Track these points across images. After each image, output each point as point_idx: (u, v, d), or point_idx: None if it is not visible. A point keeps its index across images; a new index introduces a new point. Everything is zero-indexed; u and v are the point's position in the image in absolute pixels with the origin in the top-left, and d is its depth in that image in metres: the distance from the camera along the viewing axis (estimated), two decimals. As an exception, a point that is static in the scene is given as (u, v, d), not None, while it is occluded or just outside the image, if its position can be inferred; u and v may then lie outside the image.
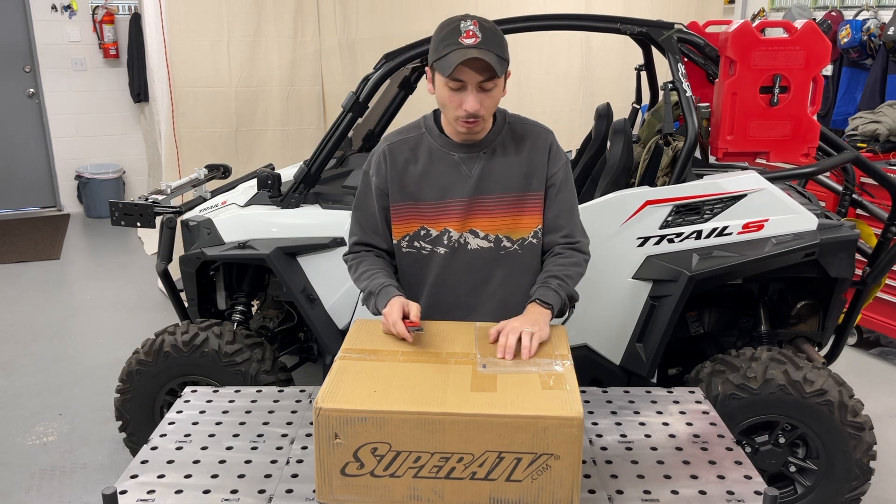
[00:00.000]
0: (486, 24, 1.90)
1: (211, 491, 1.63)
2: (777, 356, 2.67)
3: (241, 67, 4.83)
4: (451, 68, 1.83)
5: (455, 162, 2.02)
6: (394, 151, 2.05)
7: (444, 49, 1.87)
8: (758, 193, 2.73)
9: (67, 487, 3.16)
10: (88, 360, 4.35)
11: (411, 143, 2.05)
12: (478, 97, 1.88)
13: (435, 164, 2.03)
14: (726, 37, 2.76)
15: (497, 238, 2.04)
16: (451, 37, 1.86)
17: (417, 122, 2.10)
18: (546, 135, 2.09)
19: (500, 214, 2.03)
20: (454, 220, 2.03)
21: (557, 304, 1.95)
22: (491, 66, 1.83)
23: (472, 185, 2.01)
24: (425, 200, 2.03)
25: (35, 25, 7.28)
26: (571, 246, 2.08)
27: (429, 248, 2.06)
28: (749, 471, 1.72)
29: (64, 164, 7.63)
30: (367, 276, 2.03)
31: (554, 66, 5.65)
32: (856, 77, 6.06)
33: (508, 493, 1.50)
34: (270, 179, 3.00)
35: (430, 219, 2.04)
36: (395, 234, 2.09)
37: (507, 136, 2.05)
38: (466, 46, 1.84)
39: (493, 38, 1.87)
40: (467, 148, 2.02)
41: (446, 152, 2.03)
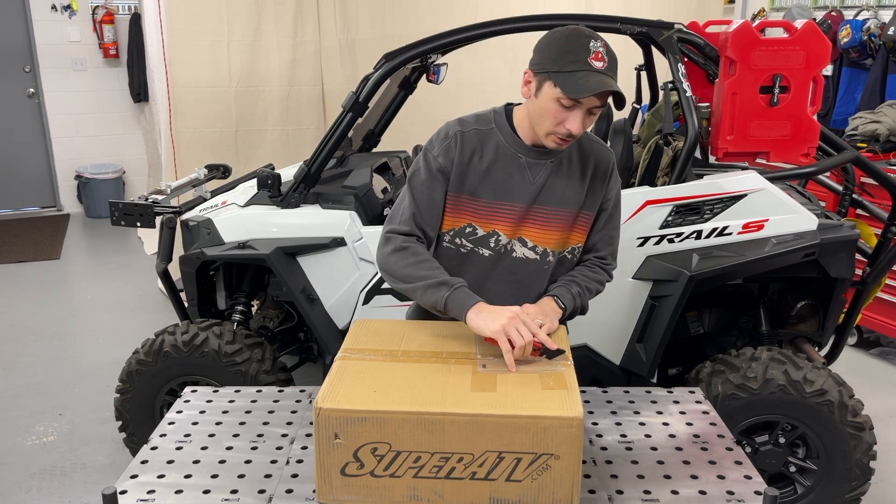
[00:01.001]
0: (608, 48, 1.83)
1: (211, 491, 1.63)
2: (777, 356, 2.67)
3: (241, 67, 4.83)
4: (583, 92, 1.75)
5: (521, 165, 1.94)
6: (465, 138, 1.94)
7: (571, 65, 1.78)
8: (758, 193, 2.73)
9: (67, 487, 3.16)
10: (88, 360, 4.35)
11: (482, 136, 1.95)
12: (587, 120, 1.83)
13: (500, 162, 1.94)
14: (726, 37, 2.76)
15: (544, 251, 1.99)
16: (580, 54, 1.78)
17: (487, 114, 1.99)
18: (609, 157, 2.03)
19: (552, 228, 1.97)
20: (506, 224, 1.96)
21: (570, 309, 1.94)
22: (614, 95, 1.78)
23: (533, 192, 1.94)
24: (482, 198, 1.94)
25: (35, 25, 7.28)
26: (602, 264, 2.07)
27: (470, 247, 1.98)
28: (749, 471, 1.72)
29: (64, 164, 7.63)
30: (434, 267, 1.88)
31: (554, 66, 5.64)
32: (856, 77, 6.06)
33: (508, 493, 1.50)
34: (270, 179, 3.00)
35: (482, 218, 1.96)
36: (444, 225, 1.99)
37: (574, 149, 1.99)
38: (597, 71, 1.77)
39: (614, 62, 1.82)
40: (536, 154, 1.94)
41: (514, 153, 1.94)
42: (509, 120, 1.96)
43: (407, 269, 1.88)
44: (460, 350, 1.76)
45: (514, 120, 1.96)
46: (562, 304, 1.92)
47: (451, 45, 3.02)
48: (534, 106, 1.86)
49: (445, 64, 3.60)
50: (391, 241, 1.93)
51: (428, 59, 3.31)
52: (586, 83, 1.76)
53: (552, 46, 1.82)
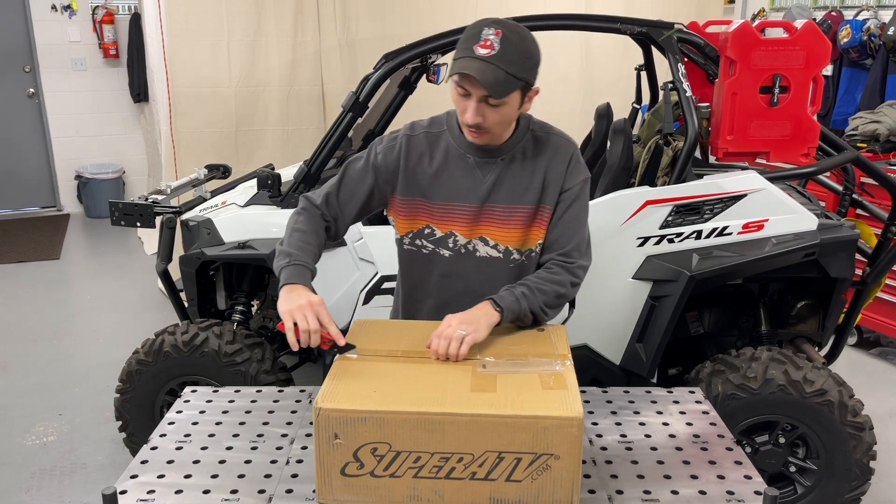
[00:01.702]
0: (510, 37, 1.78)
1: (211, 491, 1.63)
2: (777, 356, 2.67)
3: (241, 67, 4.83)
4: (445, 78, 1.77)
5: (470, 165, 1.95)
6: (411, 143, 1.98)
7: (459, 51, 1.80)
8: (758, 193, 2.73)
9: (67, 487, 3.16)
10: (88, 360, 4.35)
11: (431, 139, 1.99)
12: (480, 109, 1.81)
13: (450, 164, 1.96)
14: (726, 37, 2.76)
15: (507, 249, 1.98)
16: (470, 41, 1.78)
17: (440, 116, 2.02)
18: (568, 147, 2.00)
19: (511, 225, 1.96)
20: (462, 224, 1.97)
21: (512, 312, 1.83)
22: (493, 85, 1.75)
23: (484, 191, 1.95)
24: (434, 199, 1.97)
25: (35, 25, 7.28)
26: (563, 263, 1.96)
27: (430, 247, 2.00)
28: (749, 471, 1.72)
29: (64, 164, 7.63)
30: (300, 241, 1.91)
31: (554, 66, 5.64)
32: (856, 77, 6.06)
33: (508, 493, 1.50)
34: (270, 179, 3.00)
35: (438, 219, 1.98)
36: (399, 229, 2.03)
37: (529, 144, 1.97)
38: (476, 57, 1.75)
39: (510, 54, 1.77)
40: (485, 152, 1.95)
41: (463, 154, 1.96)
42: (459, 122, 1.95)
43: (287, 231, 1.95)
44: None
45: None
46: (498, 306, 1.82)
47: (451, 45, 3.01)
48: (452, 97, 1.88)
49: (445, 64, 3.60)
50: (301, 203, 2.03)
51: (428, 59, 3.30)
52: (457, 65, 1.76)
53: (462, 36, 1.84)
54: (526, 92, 1.86)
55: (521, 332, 1.87)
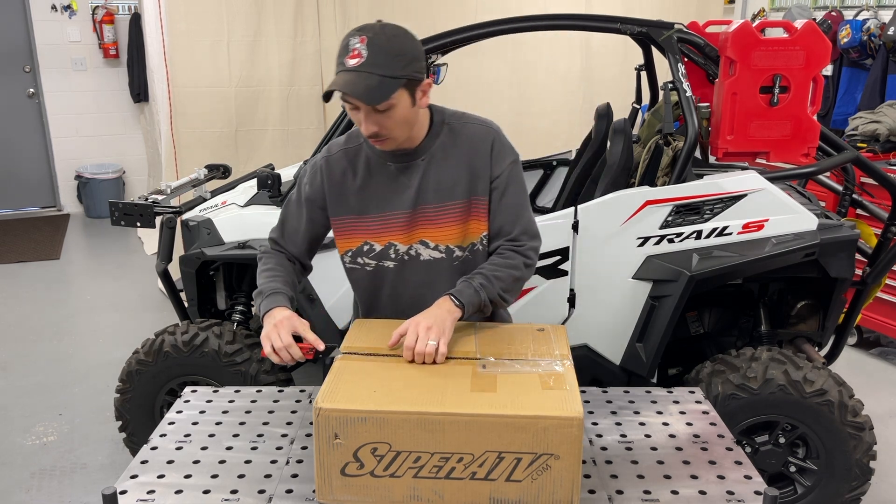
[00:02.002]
0: (377, 39, 1.74)
1: (211, 491, 1.63)
2: (777, 356, 2.67)
3: (241, 67, 4.83)
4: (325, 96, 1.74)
5: (392, 173, 1.92)
6: (331, 164, 1.96)
7: (336, 68, 1.76)
8: (758, 193, 2.73)
9: (67, 487, 3.16)
10: (88, 360, 4.35)
11: (350, 155, 1.96)
12: (371, 119, 1.77)
13: (374, 176, 1.94)
14: (726, 37, 2.76)
15: (448, 248, 1.94)
16: (340, 55, 1.75)
17: (356, 130, 1.96)
18: (487, 133, 1.94)
19: (447, 223, 1.92)
20: (398, 233, 1.94)
21: (473, 304, 1.82)
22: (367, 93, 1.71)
23: (412, 196, 1.91)
24: (367, 214, 1.95)
25: (35, 25, 7.28)
26: (513, 247, 1.94)
27: (374, 263, 1.98)
28: (749, 471, 1.72)
29: (64, 164, 7.64)
30: (268, 276, 1.95)
31: (554, 66, 5.65)
32: (856, 77, 6.06)
33: (508, 493, 1.50)
34: (270, 179, 3.00)
35: (374, 233, 1.96)
36: (339, 249, 2.02)
37: (447, 138, 1.92)
38: (347, 70, 1.72)
39: (378, 57, 1.72)
40: (403, 157, 1.91)
41: (383, 163, 1.93)
42: None
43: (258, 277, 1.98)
44: (460, 350, 1.76)
45: None
46: (458, 301, 1.81)
47: (451, 45, 3.02)
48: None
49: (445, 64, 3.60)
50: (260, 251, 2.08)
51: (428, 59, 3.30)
52: (333, 82, 1.74)
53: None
54: (414, 88, 1.80)
55: (521, 332, 1.87)
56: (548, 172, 4.08)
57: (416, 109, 1.84)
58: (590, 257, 2.79)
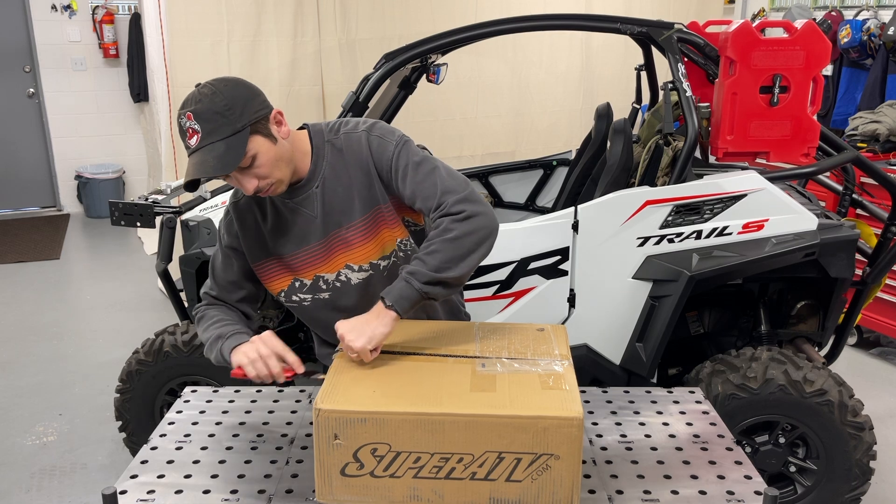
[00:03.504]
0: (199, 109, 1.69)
1: (211, 491, 1.63)
2: (777, 356, 2.67)
3: (241, 67, 4.83)
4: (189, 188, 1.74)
5: (292, 208, 1.90)
6: (240, 210, 1.94)
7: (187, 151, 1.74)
8: (758, 193, 2.73)
9: (67, 487, 3.16)
10: (88, 360, 4.35)
11: (251, 200, 1.93)
12: (247, 177, 1.74)
13: (281, 215, 1.92)
14: (726, 37, 2.76)
15: (372, 264, 1.94)
16: (183, 138, 1.73)
17: None
18: (361, 137, 1.87)
19: (360, 242, 1.91)
20: (321, 264, 1.93)
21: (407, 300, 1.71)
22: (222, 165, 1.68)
23: (319, 226, 1.90)
24: (286, 254, 1.93)
25: (35, 25, 7.28)
26: (440, 214, 1.78)
27: (309, 297, 1.96)
28: (749, 471, 1.72)
29: (64, 164, 7.64)
30: (218, 325, 1.91)
31: (554, 66, 5.65)
32: (856, 77, 6.06)
33: (508, 493, 1.50)
34: (270, 179, 2.99)
35: (299, 270, 1.94)
36: (272, 291, 1.99)
37: (333, 157, 1.88)
38: (193, 151, 1.71)
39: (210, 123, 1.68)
40: (297, 191, 1.88)
41: (281, 201, 1.90)
42: None
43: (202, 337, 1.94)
44: (459, 350, 1.76)
45: None
46: (387, 303, 1.71)
47: (451, 45, 3.02)
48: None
49: (445, 64, 3.60)
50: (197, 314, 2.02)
51: (428, 59, 3.31)
52: (188, 173, 1.72)
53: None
54: (264, 128, 1.75)
55: (520, 332, 1.87)
56: (548, 172, 4.08)
57: (281, 143, 1.79)
58: (590, 257, 2.79)
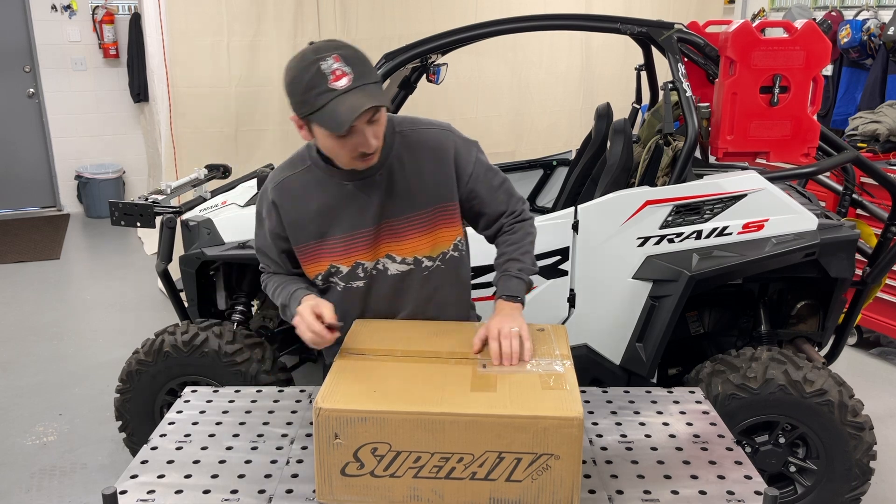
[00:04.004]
0: (346, 52, 1.68)
1: (211, 491, 1.63)
2: (777, 356, 2.67)
3: (241, 67, 4.83)
4: (343, 125, 1.63)
5: (350, 192, 1.86)
6: (283, 191, 1.90)
7: (317, 99, 1.65)
8: (758, 193, 2.73)
9: (67, 487, 3.16)
10: (88, 360, 4.35)
11: (301, 179, 1.89)
12: (371, 132, 1.71)
13: (330, 197, 1.87)
14: (726, 37, 2.76)
15: (416, 259, 1.92)
16: (319, 83, 1.64)
17: (301, 152, 1.92)
18: (443, 136, 1.90)
19: (412, 236, 1.89)
20: (364, 252, 1.90)
21: (522, 290, 1.89)
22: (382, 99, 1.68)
23: (374, 213, 1.87)
24: (330, 237, 1.90)
25: (35, 25, 7.28)
26: (514, 219, 1.97)
27: (342, 284, 1.94)
28: (749, 471, 1.72)
29: (64, 164, 7.64)
30: (280, 290, 1.94)
31: (554, 66, 5.65)
32: (856, 77, 6.06)
33: (508, 493, 1.50)
34: (270, 179, 2.99)
35: (339, 255, 1.91)
36: (308, 274, 1.97)
37: (402, 148, 1.87)
38: (345, 91, 1.64)
39: (361, 65, 1.68)
40: (359, 174, 1.84)
41: (338, 183, 1.86)
42: (321, 152, 1.86)
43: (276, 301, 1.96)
44: (460, 350, 1.76)
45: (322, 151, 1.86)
46: (514, 297, 1.86)
47: (451, 45, 3.02)
48: (322, 145, 1.78)
49: (445, 64, 3.60)
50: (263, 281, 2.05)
51: (428, 59, 3.31)
52: (339, 114, 1.64)
53: (295, 86, 1.69)
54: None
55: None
56: (548, 172, 4.08)
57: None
58: (590, 257, 2.79)
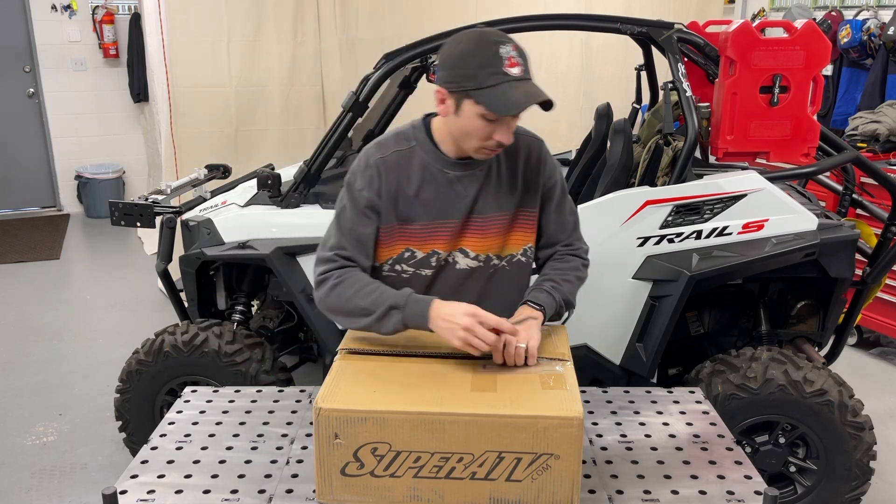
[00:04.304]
0: (519, 47, 1.70)
1: (211, 491, 1.63)
2: (777, 356, 2.67)
3: (241, 67, 4.83)
4: (512, 108, 1.64)
5: (450, 181, 1.84)
6: (386, 165, 1.83)
7: (488, 78, 1.65)
8: (758, 193, 2.73)
9: (67, 487, 3.16)
10: (88, 360, 4.35)
11: (403, 157, 1.83)
12: (512, 125, 1.75)
13: (427, 182, 1.83)
14: (726, 37, 2.76)
15: (487, 257, 1.91)
16: (494, 64, 1.65)
17: (406, 131, 1.87)
18: (538, 146, 1.94)
19: (491, 234, 1.89)
20: (444, 241, 1.87)
21: (550, 307, 1.85)
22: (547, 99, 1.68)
23: (466, 205, 1.85)
24: (415, 222, 1.85)
25: (35, 25, 7.28)
26: (570, 251, 2.00)
27: (411, 270, 1.89)
28: (749, 471, 1.72)
29: (64, 164, 7.64)
30: (367, 291, 1.76)
31: (554, 66, 5.65)
32: (856, 77, 6.06)
33: (508, 493, 1.50)
34: (270, 179, 3.00)
35: (418, 240, 1.86)
36: (379, 257, 1.90)
37: (504, 151, 1.88)
38: (518, 79, 1.67)
39: (527, 63, 1.71)
40: (463, 166, 1.84)
41: (440, 170, 1.83)
42: (429, 134, 1.84)
43: (350, 305, 1.76)
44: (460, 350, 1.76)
45: (435, 134, 1.84)
46: (537, 305, 1.83)
47: (451, 45, 3.01)
48: (456, 124, 1.75)
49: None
50: (326, 280, 1.81)
51: (428, 59, 3.31)
52: (512, 97, 1.66)
53: (464, 60, 1.68)
54: None
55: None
56: (548, 172, 4.07)
57: None
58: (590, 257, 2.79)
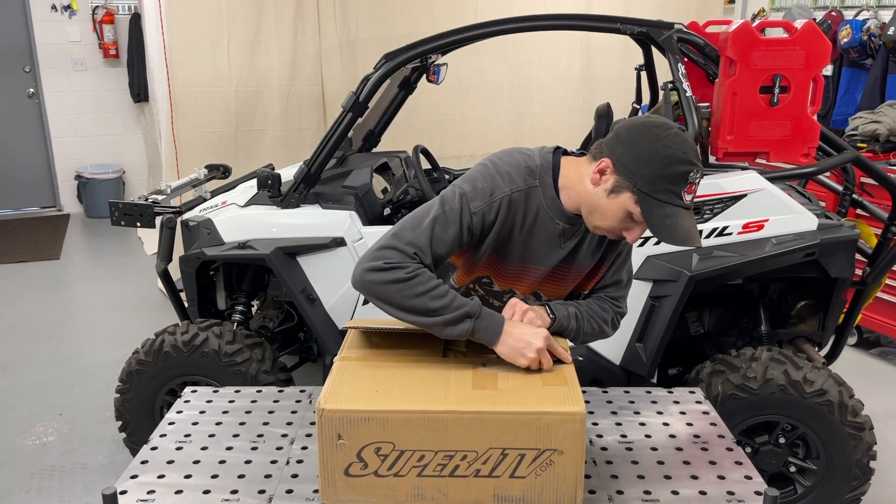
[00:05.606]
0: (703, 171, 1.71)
1: (211, 491, 1.63)
2: (777, 356, 2.67)
3: (241, 67, 4.83)
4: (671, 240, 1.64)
5: (557, 231, 1.81)
6: (511, 204, 1.76)
7: (663, 194, 1.63)
8: (758, 193, 2.73)
9: (67, 487, 3.16)
10: (88, 360, 4.35)
11: (526, 196, 1.78)
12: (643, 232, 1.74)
13: (538, 228, 1.81)
14: (726, 37, 2.76)
15: (548, 300, 1.92)
16: (677, 183, 1.63)
17: (534, 166, 1.79)
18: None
19: (568, 283, 1.91)
20: (525, 284, 1.88)
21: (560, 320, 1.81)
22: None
23: (559, 257, 1.84)
24: (510, 261, 1.83)
25: (35, 25, 7.28)
26: (613, 305, 1.95)
27: (482, 293, 1.90)
28: (749, 471, 1.72)
29: (64, 164, 7.63)
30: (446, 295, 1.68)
31: (554, 66, 5.65)
32: (856, 77, 6.07)
33: (513, 489, 1.50)
34: (270, 179, 3.00)
35: (503, 277, 1.87)
36: (459, 280, 1.88)
37: None
38: (686, 207, 1.67)
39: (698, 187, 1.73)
40: (573, 220, 1.81)
41: (552, 218, 1.80)
42: (555, 177, 1.80)
43: (415, 301, 1.67)
44: (460, 349, 1.76)
45: (561, 180, 1.79)
46: (551, 313, 1.81)
47: (451, 45, 3.02)
48: (600, 201, 1.70)
49: (445, 64, 3.60)
50: (394, 269, 1.68)
51: (428, 59, 3.31)
52: (675, 229, 1.64)
53: (652, 161, 1.62)
54: None
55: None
56: (548, 172, 4.07)
57: None
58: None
